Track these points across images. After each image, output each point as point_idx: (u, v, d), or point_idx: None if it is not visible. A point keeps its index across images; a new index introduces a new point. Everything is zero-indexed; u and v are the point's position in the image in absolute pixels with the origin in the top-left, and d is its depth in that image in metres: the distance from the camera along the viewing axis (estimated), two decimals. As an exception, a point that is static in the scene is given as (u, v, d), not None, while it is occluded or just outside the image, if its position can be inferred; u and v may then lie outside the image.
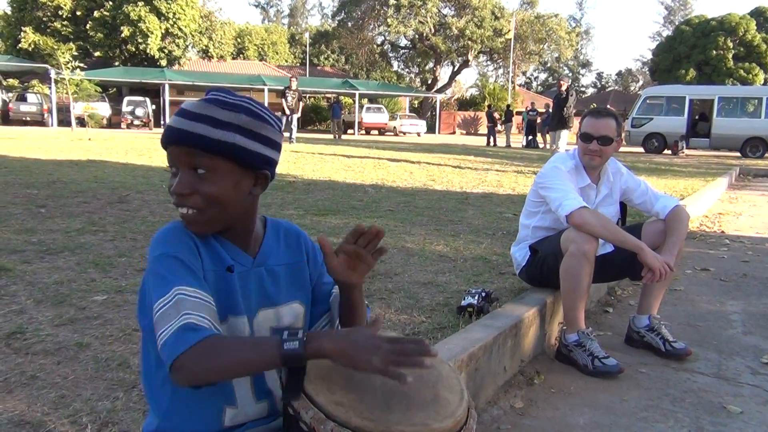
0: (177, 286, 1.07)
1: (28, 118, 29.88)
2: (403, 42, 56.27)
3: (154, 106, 34.01)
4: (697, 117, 24.87)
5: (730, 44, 45.31)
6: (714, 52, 45.38)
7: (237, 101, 1.16)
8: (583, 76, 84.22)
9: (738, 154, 23.08)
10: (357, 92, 37.83)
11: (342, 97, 41.57)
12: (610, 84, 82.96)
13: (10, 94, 32.09)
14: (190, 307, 1.05)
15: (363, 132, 38.34)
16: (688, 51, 46.74)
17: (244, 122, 1.14)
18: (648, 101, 24.48)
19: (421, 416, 1.01)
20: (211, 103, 1.14)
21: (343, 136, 28.78)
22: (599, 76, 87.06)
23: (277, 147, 1.22)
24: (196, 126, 1.12)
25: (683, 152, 21.97)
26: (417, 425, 1.00)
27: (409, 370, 1.08)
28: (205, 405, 1.17)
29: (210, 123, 1.12)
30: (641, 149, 23.59)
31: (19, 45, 36.95)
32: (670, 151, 22.71)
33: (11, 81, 35.23)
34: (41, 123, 29.78)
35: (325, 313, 1.35)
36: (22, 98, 30.89)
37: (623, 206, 3.24)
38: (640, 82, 77.34)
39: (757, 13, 47.79)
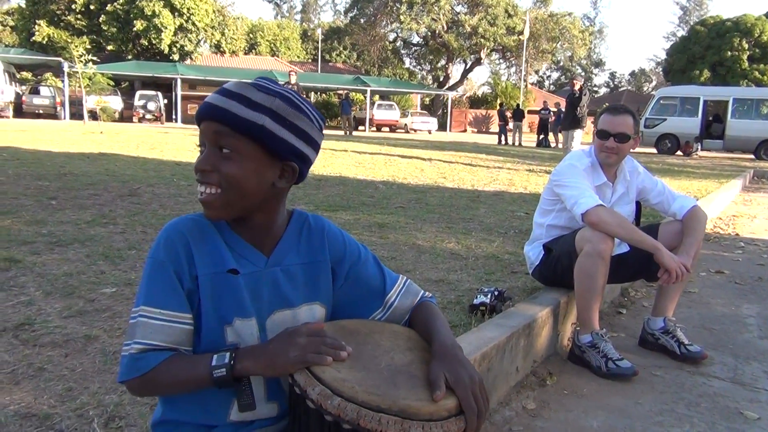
0: (144, 306, 1.11)
1: (41, 111, 30.01)
2: (416, 39, 56.13)
3: (166, 101, 34.12)
4: (711, 118, 24.68)
5: (746, 45, 44.83)
6: (729, 53, 44.93)
7: (277, 88, 1.15)
8: (596, 75, 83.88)
9: (752, 156, 22.88)
10: (368, 89, 37.75)
11: (352, 94, 41.56)
12: (623, 84, 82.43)
13: (24, 87, 32.26)
14: (141, 334, 1.09)
15: (374, 129, 38.30)
16: (702, 51, 46.30)
17: (277, 106, 1.12)
18: (661, 102, 24.33)
19: (426, 393, 1.03)
20: (249, 85, 1.13)
21: (354, 133, 28.75)
22: (612, 75, 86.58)
23: (311, 142, 1.18)
24: (229, 103, 1.10)
25: (697, 154, 21.79)
26: (423, 400, 1.00)
27: (413, 356, 1.13)
28: (211, 397, 1.14)
29: (243, 102, 1.10)
30: (654, 150, 23.44)
31: (33, 38, 37.13)
32: (681, 152, 22.54)
33: (25, 74, 35.44)
34: (54, 116, 29.91)
35: (378, 308, 1.31)
36: (35, 91, 31.04)
37: (638, 206, 3.18)
38: (654, 83, 76.82)
39: (773, 14, 47.28)
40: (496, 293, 2.88)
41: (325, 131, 1.28)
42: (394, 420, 0.96)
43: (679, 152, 22.86)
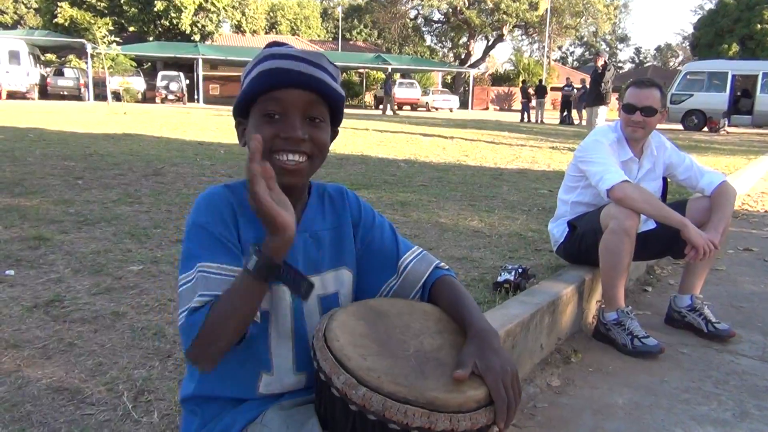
0: (201, 262, 1.07)
1: (66, 93, 30.34)
2: (437, 16, 55.62)
3: (187, 81, 34.25)
4: (739, 93, 24.10)
5: (776, 18, 43.62)
6: (759, 26, 43.69)
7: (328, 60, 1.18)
8: (620, 51, 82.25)
9: (782, 131, 22.37)
10: (389, 67, 37.52)
11: (373, 73, 41.31)
12: (648, 59, 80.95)
13: (48, 69, 32.61)
14: (204, 286, 1.05)
15: (395, 107, 38.10)
16: (731, 25, 45.12)
17: (339, 79, 1.19)
18: (688, 77, 23.79)
19: (455, 382, 0.99)
20: (319, 56, 1.15)
21: (374, 111, 28.71)
22: (637, 51, 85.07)
23: None
24: (319, 73, 1.12)
25: (725, 130, 21.34)
26: (451, 391, 0.97)
27: (443, 340, 1.09)
28: (240, 370, 1.15)
29: (327, 73, 1.14)
30: (680, 126, 23.01)
31: (56, 20, 37.41)
32: (708, 129, 22.10)
33: (49, 56, 35.79)
34: (78, 97, 30.21)
35: (392, 275, 1.28)
36: (59, 73, 31.38)
37: (665, 182, 3.13)
38: (680, 58, 75.22)
39: (806, -15, 45.83)
40: (520, 271, 2.86)
41: (346, 110, 1.30)
42: (421, 412, 0.93)
43: (706, 128, 22.42)
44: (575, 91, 25.39)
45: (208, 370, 1.06)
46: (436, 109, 37.98)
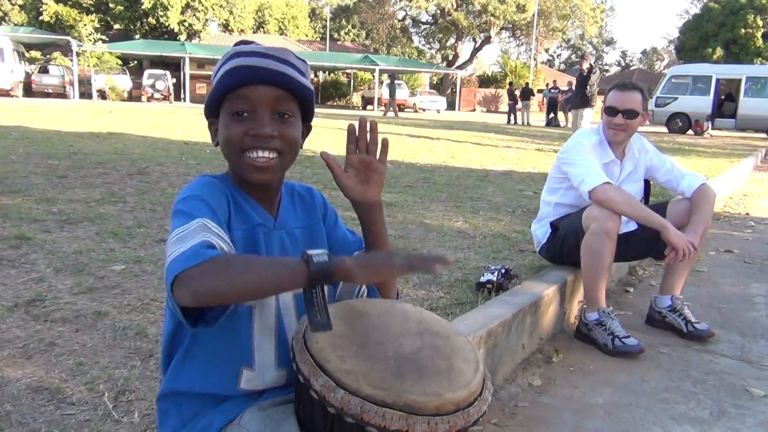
0: (202, 218, 1.03)
1: (50, 90, 30.01)
2: (425, 17, 55.70)
3: (174, 80, 34.04)
4: (723, 97, 24.34)
5: (760, 23, 44.03)
6: (743, 30, 44.20)
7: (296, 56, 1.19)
8: (606, 54, 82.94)
9: (765, 135, 22.60)
10: (377, 68, 37.50)
11: (360, 73, 41.23)
12: (634, 62, 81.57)
13: (33, 66, 32.26)
14: (211, 234, 1.01)
15: (382, 108, 38.11)
16: (716, 29, 45.58)
17: (309, 75, 1.18)
18: (673, 80, 23.97)
19: (434, 386, 0.99)
20: (286, 52, 1.15)
21: (362, 113, 28.67)
22: (623, 54, 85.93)
23: None
24: (287, 69, 1.12)
25: (708, 133, 21.54)
26: (429, 395, 0.97)
27: (423, 342, 1.08)
28: (219, 365, 1.15)
29: (294, 69, 1.14)
30: (665, 129, 23.20)
31: (41, 17, 37.03)
32: (692, 132, 22.29)
33: (34, 53, 35.40)
34: (63, 95, 29.89)
35: None
36: (44, 70, 31.02)
37: (647, 184, 3.17)
38: (666, 61, 75.87)
39: (789, -9, 46.35)
40: (503, 271, 2.88)
41: (334, 110, 1.30)
42: (399, 415, 0.93)
43: (690, 131, 22.63)
44: (560, 93, 25.51)
45: (186, 302, 0.94)
46: (424, 110, 38.02)
